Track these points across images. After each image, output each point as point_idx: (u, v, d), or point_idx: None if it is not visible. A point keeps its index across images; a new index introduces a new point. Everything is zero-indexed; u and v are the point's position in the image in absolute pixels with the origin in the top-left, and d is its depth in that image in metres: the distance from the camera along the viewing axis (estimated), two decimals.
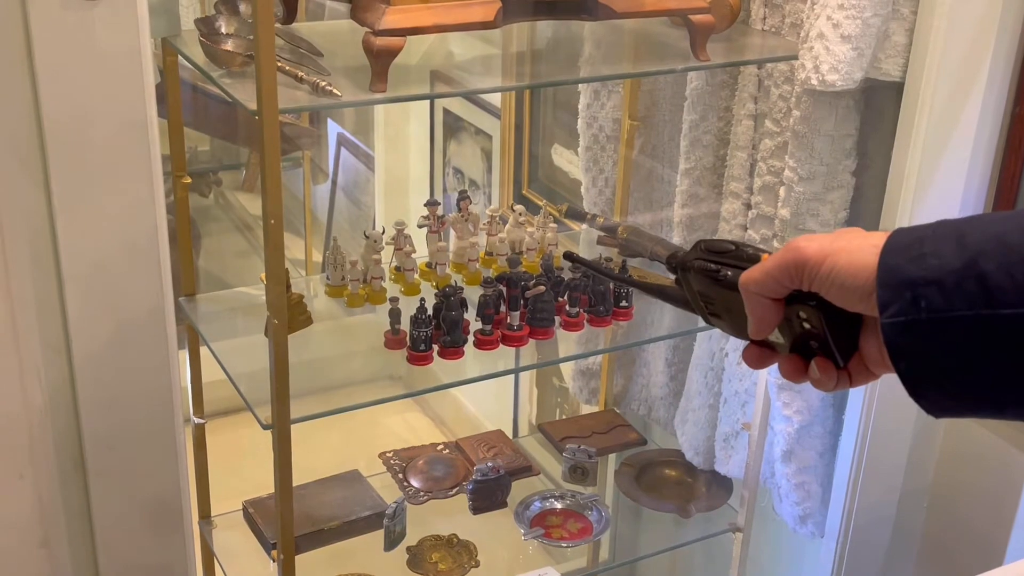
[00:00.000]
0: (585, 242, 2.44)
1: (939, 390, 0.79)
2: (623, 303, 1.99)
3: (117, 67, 1.38)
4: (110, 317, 1.50)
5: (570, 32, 2.05)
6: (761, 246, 1.05)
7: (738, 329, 0.96)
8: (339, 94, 1.53)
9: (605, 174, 2.42)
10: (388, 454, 2.36)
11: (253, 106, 1.48)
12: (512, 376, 3.06)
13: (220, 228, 4.74)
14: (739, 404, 2.19)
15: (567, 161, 2.96)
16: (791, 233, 1.91)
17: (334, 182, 4.32)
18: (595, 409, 2.66)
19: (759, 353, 0.95)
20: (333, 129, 4.28)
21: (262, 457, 1.71)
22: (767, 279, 0.88)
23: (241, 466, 2.59)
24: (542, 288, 1.88)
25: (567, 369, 2.71)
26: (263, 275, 1.58)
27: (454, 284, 1.87)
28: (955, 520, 2.05)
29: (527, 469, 2.33)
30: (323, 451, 2.53)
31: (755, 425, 2.12)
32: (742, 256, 0.94)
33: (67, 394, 1.47)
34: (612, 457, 2.44)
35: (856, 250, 0.82)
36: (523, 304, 1.89)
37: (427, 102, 3.57)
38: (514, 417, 3.31)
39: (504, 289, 1.89)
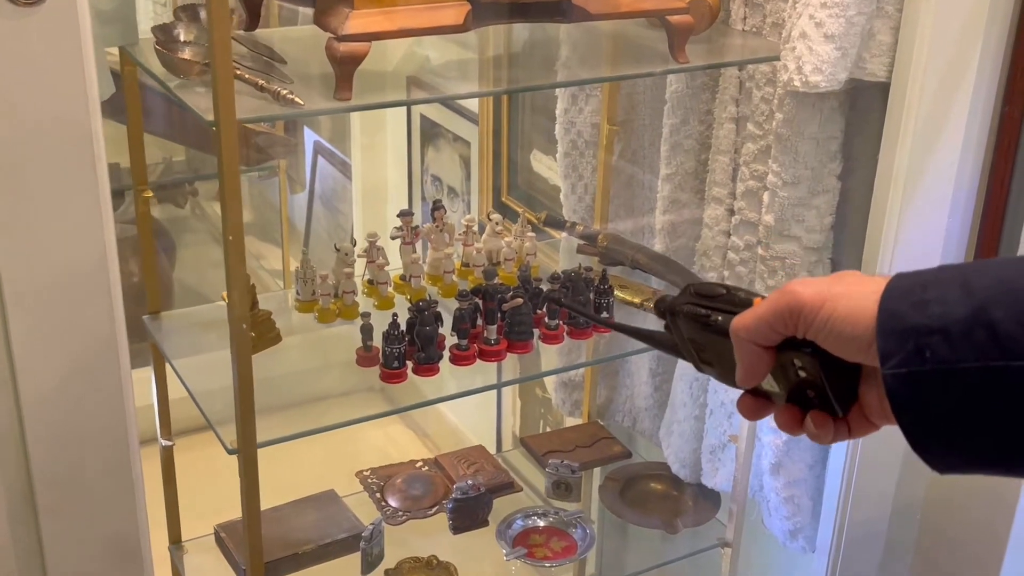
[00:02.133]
0: (564, 250, 2.38)
1: (945, 446, 0.74)
2: (604, 314, 1.92)
3: (58, 78, 1.31)
4: (57, 345, 1.42)
5: (547, 35, 1.99)
6: (753, 289, 1.00)
7: (731, 377, 0.91)
8: (301, 103, 1.46)
9: (584, 180, 2.35)
10: (365, 472, 2.29)
11: (210, 116, 1.41)
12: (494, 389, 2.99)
13: (197, 239, 4.66)
14: (725, 416, 2.13)
15: (546, 167, 2.89)
16: (776, 239, 1.85)
17: (311, 191, 4.25)
18: (579, 421, 2.59)
19: (754, 403, 0.90)
20: (310, 137, 4.21)
21: (236, 475, 1.63)
22: (759, 325, 0.83)
23: (215, 485, 2.51)
24: (520, 300, 1.81)
25: (550, 381, 2.65)
26: (224, 294, 1.51)
27: (428, 298, 1.80)
28: (948, 535, 1.99)
29: (509, 485, 2.26)
30: (298, 469, 2.45)
31: (742, 437, 2.05)
32: (734, 300, 0.90)
33: (14, 428, 1.39)
34: (596, 471, 2.37)
35: (856, 295, 0.78)
36: (500, 317, 1.83)
37: (403, 108, 3.51)
38: (497, 429, 3.24)
39: (480, 302, 1.83)
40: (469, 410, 3.39)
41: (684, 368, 2.20)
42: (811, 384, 0.85)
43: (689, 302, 0.93)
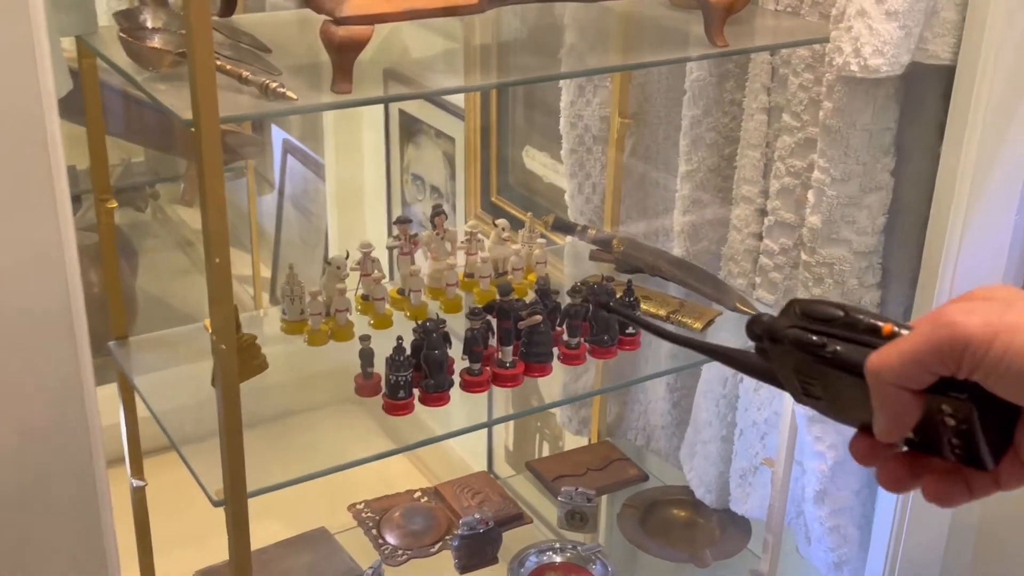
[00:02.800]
0: (571, 256, 2.17)
1: None
2: (629, 330, 1.72)
3: (6, 71, 1.08)
4: (11, 396, 1.20)
5: (548, 21, 1.78)
6: (880, 314, 0.81)
7: (845, 414, 0.76)
8: (294, 97, 1.24)
9: (592, 179, 2.15)
10: (358, 506, 2.07)
11: (188, 115, 1.19)
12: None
13: (159, 244, 4.42)
14: (758, 436, 1.94)
15: (541, 164, 2.68)
16: (823, 243, 1.65)
17: (281, 193, 4.02)
18: (584, 440, 2.40)
19: (869, 446, 0.74)
20: (278, 136, 3.98)
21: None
22: (910, 365, 0.67)
23: (192, 510, 2.28)
24: (539, 318, 1.61)
25: (557, 396, 2.44)
26: (207, 322, 1.29)
27: (436, 317, 1.59)
28: (1004, 561, 1.81)
29: (518, 517, 2.06)
30: (282, 503, 2.23)
31: (779, 461, 1.86)
32: (854, 325, 0.72)
33: None
34: (610, 497, 2.17)
35: None
36: (516, 337, 1.62)
37: (381, 104, 3.28)
38: (488, 447, 3.03)
39: (494, 320, 1.62)
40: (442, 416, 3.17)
41: (708, 382, 2.00)
42: (957, 432, 0.69)
43: (795, 325, 0.76)
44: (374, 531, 2.01)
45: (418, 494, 2.12)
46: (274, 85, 1.25)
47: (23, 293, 1.17)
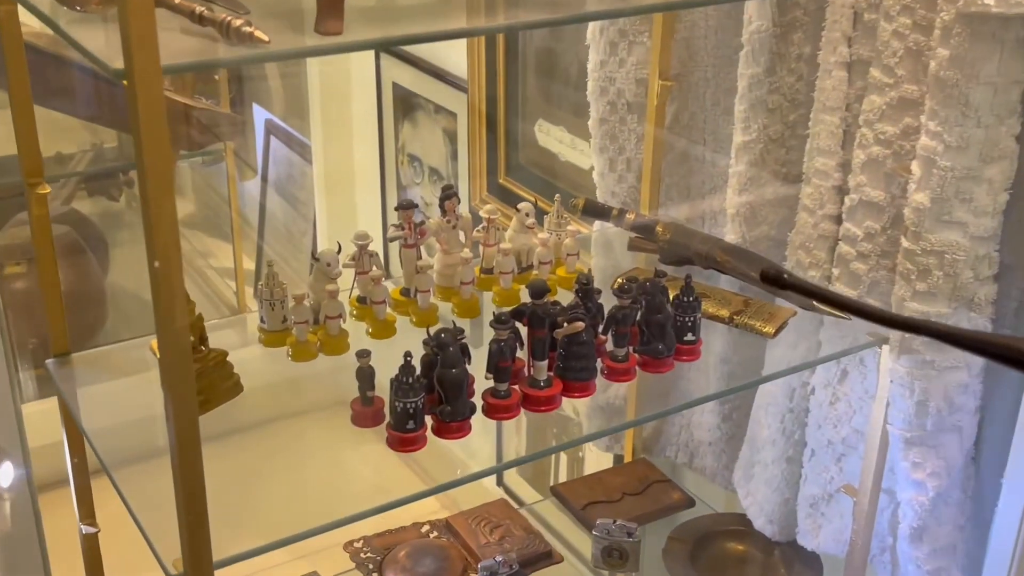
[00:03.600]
0: (601, 245, 1.86)
1: None
2: (689, 336, 1.40)
3: None
4: None
5: None
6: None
7: None
8: (266, 39, 0.92)
9: (626, 154, 1.82)
10: (356, 544, 1.76)
11: (119, 63, 0.86)
12: None
13: (133, 236, 4.09)
14: (833, 458, 1.62)
15: (556, 140, 2.36)
16: (931, 227, 1.33)
17: (264, 177, 3.69)
18: (610, 457, 2.08)
19: None
20: (260, 115, 3.64)
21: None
22: None
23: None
24: (581, 325, 1.28)
25: (581, 406, 2.11)
26: (154, 343, 0.97)
27: (453, 326, 1.27)
28: None
29: (547, 556, 1.74)
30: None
31: (863, 489, 1.55)
32: None
33: None
34: (651, 527, 1.85)
35: None
36: (553, 349, 1.30)
37: (372, 77, 2.96)
38: (497, 458, 2.71)
39: (523, 329, 1.30)
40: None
41: (770, 395, 1.69)
42: None
43: None
44: (375, 575, 1.69)
45: (426, 528, 1.80)
46: (239, 23, 0.92)
47: None
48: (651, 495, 1.88)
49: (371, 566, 1.70)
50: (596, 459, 2.22)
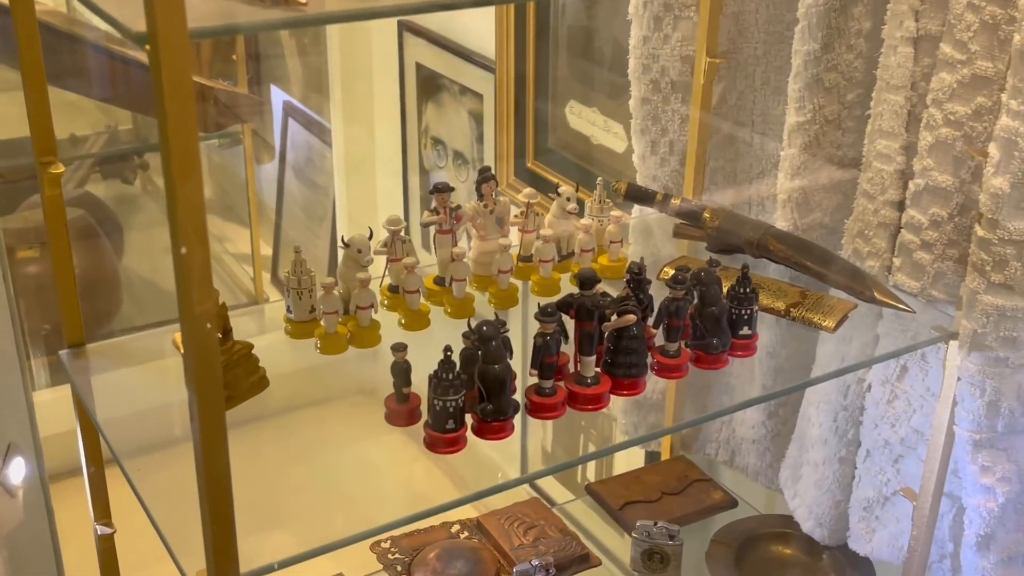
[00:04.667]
0: (640, 232, 1.77)
1: None
2: (744, 331, 1.31)
3: None
4: None
5: None
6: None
7: None
8: (303, 1, 0.83)
9: (669, 136, 1.73)
10: (384, 544, 1.67)
11: (142, 26, 0.77)
12: None
13: (148, 220, 4.02)
14: (890, 459, 1.53)
15: (589, 123, 2.27)
16: (1010, 214, 1.24)
17: (282, 160, 3.60)
18: (642, 455, 2.00)
19: None
20: (278, 97, 3.55)
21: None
22: None
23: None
24: (633, 317, 1.19)
25: (616, 401, 2.02)
26: (177, 337, 0.88)
27: (495, 316, 1.18)
28: None
29: (584, 559, 1.65)
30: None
31: (925, 492, 1.45)
32: None
33: None
34: (693, 528, 1.76)
35: None
36: (601, 343, 1.21)
37: (395, 57, 2.86)
38: (522, 450, 2.62)
39: (569, 321, 1.21)
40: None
41: (822, 391, 1.60)
42: None
43: None
44: None
45: (456, 528, 1.71)
46: None
47: None
48: (691, 495, 1.80)
49: (399, 568, 1.62)
50: (628, 455, 2.13)
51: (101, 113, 3.82)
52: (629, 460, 2.14)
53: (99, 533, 1.39)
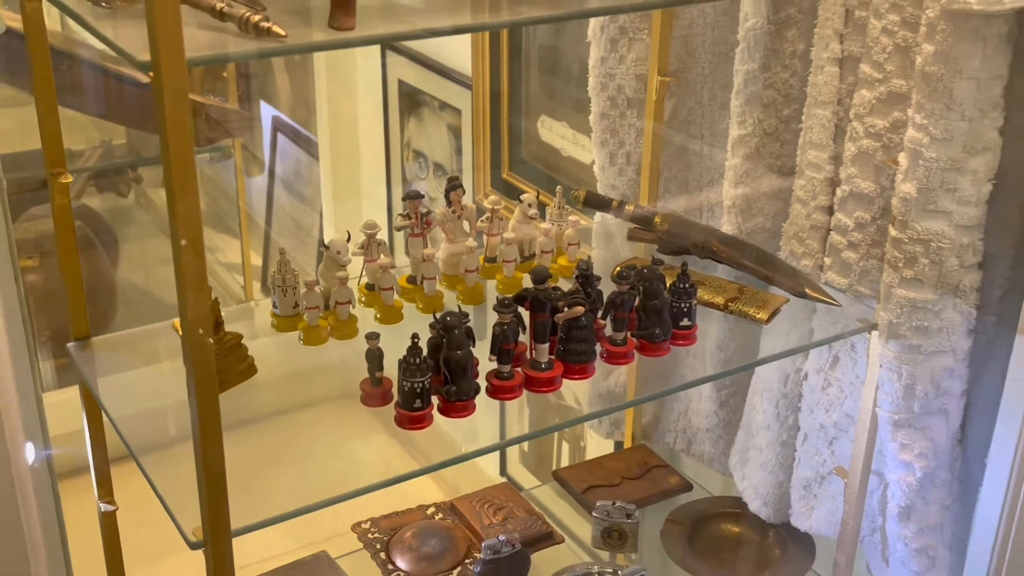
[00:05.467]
0: (600, 237, 1.91)
1: None
2: (685, 322, 1.45)
3: None
4: None
5: None
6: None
7: None
8: (283, 33, 0.97)
9: (626, 148, 1.88)
10: (364, 525, 1.81)
11: (146, 55, 0.92)
12: None
13: (142, 232, 4.16)
14: (825, 442, 1.67)
15: (559, 136, 2.42)
16: (918, 216, 1.39)
17: (271, 173, 3.74)
18: (610, 444, 2.14)
19: None
20: (267, 112, 3.70)
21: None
22: None
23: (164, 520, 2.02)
24: (581, 309, 1.34)
25: (583, 395, 2.17)
26: (176, 322, 1.03)
27: (458, 310, 1.32)
28: None
29: (548, 536, 1.80)
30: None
31: (854, 471, 1.60)
32: None
33: None
34: (650, 510, 1.90)
35: None
36: (552, 331, 1.36)
37: (378, 74, 3.02)
38: (501, 434, 2.76)
39: (525, 313, 1.35)
40: (463, 421, 2.91)
41: (765, 380, 1.74)
42: None
43: None
44: (382, 554, 1.75)
45: (431, 510, 1.85)
46: (257, 19, 0.98)
47: None
48: (650, 479, 1.94)
49: (378, 546, 1.76)
50: (597, 446, 2.27)
51: (95, 128, 3.94)
52: (600, 451, 2.29)
53: (102, 510, 1.53)
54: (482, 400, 1.33)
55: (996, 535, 1.49)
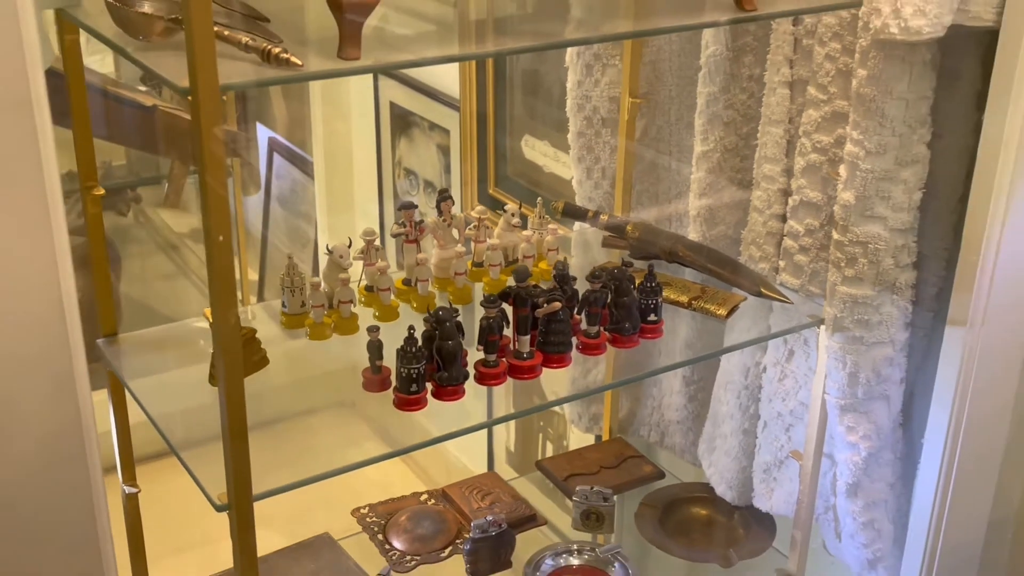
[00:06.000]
0: (580, 244, 2.08)
1: None
2: (652, 317, 1.62)
3: None
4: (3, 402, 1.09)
5: None
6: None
7: None
8: (299, 63, 1.14)
9: (601, 163, 2.05)
10: (363, 510, 1.97)
11: (185, 82, 1.09)
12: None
13: (142, 250, 4.30)
14: (782, 428, 1.84)
15: (541, 154, 2.59)
16: (856, 221, 1.56)
17: (267, 192, 3.90)
18: (592, 438, 2.30)
19: None
20: (263, 134, 3.86)
21: (205, 505, 1.31)
22: None
23: (184, 521, 2.18)
24: (558, 304, 1.51)
25: (565, 392, 2.33)
26: (207, 310, 1.19)
27: (448, 305, 1.49)
28: None
29: (531, 519, 1.96)
30: (282, 509, 2.12)
31: (808, 454, 1.77)
32: None
33: None
34: (626, 496, 2.07)
35: None
36: (533, 325, 1.52)
37: (371, 97, 3.19)
38: (488, 449, 2.93)
39: (508, 308, 1.52)
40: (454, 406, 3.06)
41: (728, 373, 1.91)
42: None
43: None
44: (380, 536, 1.90)
45: (424, 496, 2.01)
46: (277, 51, 1.15)
47: (14, 296, 1.07)
48: (626, 468, 2.10)
49: (376, 528, 1.92)
50: (578, 440, 2.43)
51: (96, 150, 4.09)
52: (581, 445, 2.45)
53: (126, 492, 1.69)
54: (471, 386, 1.50)
55: (932, 509, 1.66)
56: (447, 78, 2.79)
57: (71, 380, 1.11)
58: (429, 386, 1.46)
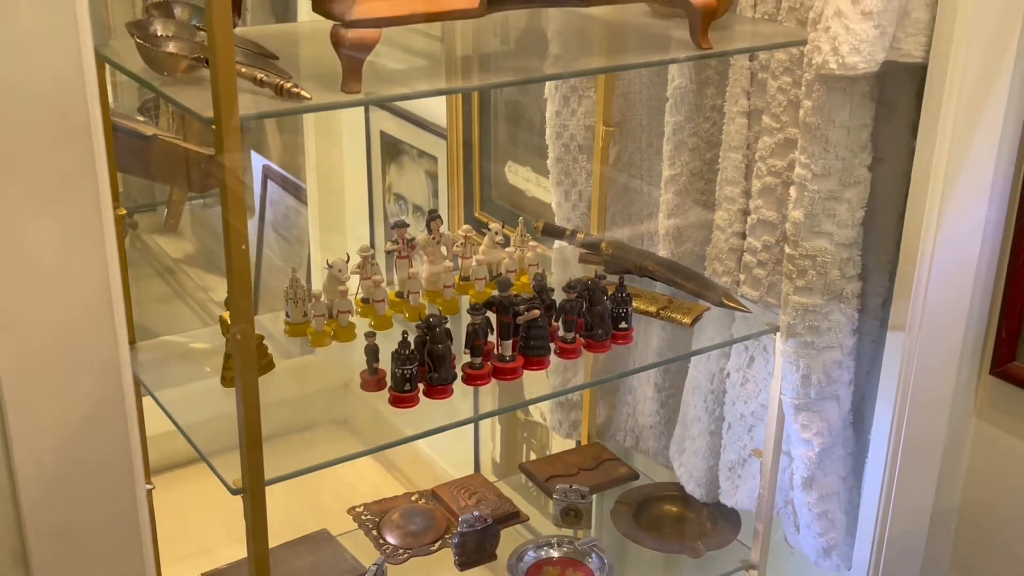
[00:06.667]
0: (560, 261, 2.24)
1: None
2: (623, 325, 1.78)
3: (49, 58, 1.14)
4: (52, 384, 1.24)
5: (537, 27, 1.85)
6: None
7: None
8: (308, 96, 1.31)
9: (578, 187, 2.22)
10: (358, 509, 2.12)
11: (209, 113, 1.25)
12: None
13: (139, 274, 4.45)
14: (745, 429, 2.00)
15: (523, 179, 2.76)
16: (805, 237, 1.73)
17: (261, 219, 4.06)
18: (571, 444, 2.45)
19: None
20: (257, 161, 4.03)
21: (208, 516, 1.46)
22: None
23: (187, 527, 2.32)
24: (537, 312, 1.67)
25: (545, 405, 2.50)
26: (225, 314, 1.35)
27: (438, 313, 1.65)
28: (985, 542, 1.88)
29: (515, 515, 2.11)
30: (281, 507, 2.27)
31: (767, 451, 1.93)
32: None
33: (2, 479, 1.21)
34: (603, 495, 2.22)
35: None
36: (515, 332, 1.68)
37: (362, 126, 3.36)
38: (475, 457, 3.08)
39: (492, 316, 1.68)
40: (440, 437, 3.22)
41: (695, 379, 2.07)
42: None
43: None
44: (374, 532, 2.05)
45: (415, 496, 2.16)
46: (288, 85, 1.31)
47: (64, 288, 1.22)
48: (602, 470, 2.26)
49: (370, 525, 2.07)
50: (559, 446, 2.59)
51: None
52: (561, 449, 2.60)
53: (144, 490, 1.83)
54: (459, 386, 1.65)
55: (879, 500, 1.82)
56: (435, 108, 2.97)
57: (116, 368, 1.26)
58: (421, 386, 1.62)
